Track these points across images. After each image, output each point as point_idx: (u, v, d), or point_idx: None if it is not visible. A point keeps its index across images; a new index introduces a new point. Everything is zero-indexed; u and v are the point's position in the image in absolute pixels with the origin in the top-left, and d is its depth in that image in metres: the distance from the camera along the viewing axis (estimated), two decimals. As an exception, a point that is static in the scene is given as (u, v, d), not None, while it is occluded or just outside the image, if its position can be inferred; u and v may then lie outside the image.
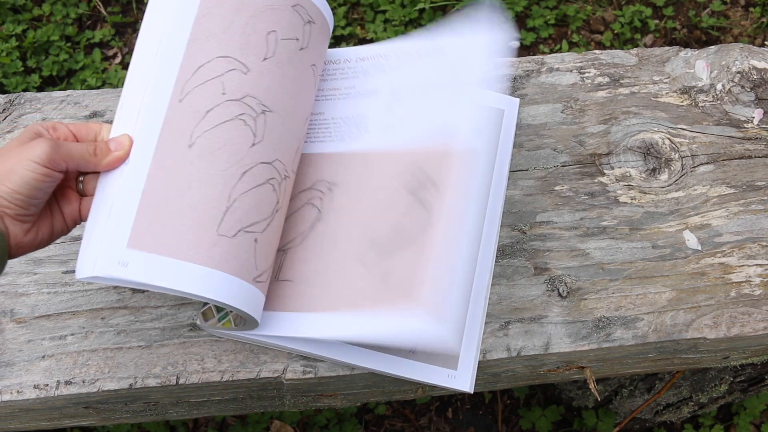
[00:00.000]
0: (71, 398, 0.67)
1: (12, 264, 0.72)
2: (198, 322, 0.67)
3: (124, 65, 1.63)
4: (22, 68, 1.58)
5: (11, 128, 0.80)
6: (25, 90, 1.55)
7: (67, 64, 1.60)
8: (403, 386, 0.72)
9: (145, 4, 0.62)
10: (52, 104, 0.82)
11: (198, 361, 0.68)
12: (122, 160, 0.58)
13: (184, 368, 0.68)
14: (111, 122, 0.60)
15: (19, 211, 0.55)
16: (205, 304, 0.67)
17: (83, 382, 0.67)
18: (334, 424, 1.30)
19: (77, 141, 0.60)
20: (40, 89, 1.57)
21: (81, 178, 0.62)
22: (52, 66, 1.58)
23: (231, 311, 0.66)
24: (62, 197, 0.61)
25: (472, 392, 0.67)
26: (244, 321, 0.65)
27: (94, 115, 0.81)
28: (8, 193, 0.54)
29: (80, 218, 0.61)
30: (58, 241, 0.73)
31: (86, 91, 0.84)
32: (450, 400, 1.35)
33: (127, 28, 1.67)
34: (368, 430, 1.32)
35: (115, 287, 0.72)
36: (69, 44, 1.63)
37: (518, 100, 0.81)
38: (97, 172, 0.60)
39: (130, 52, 1.64)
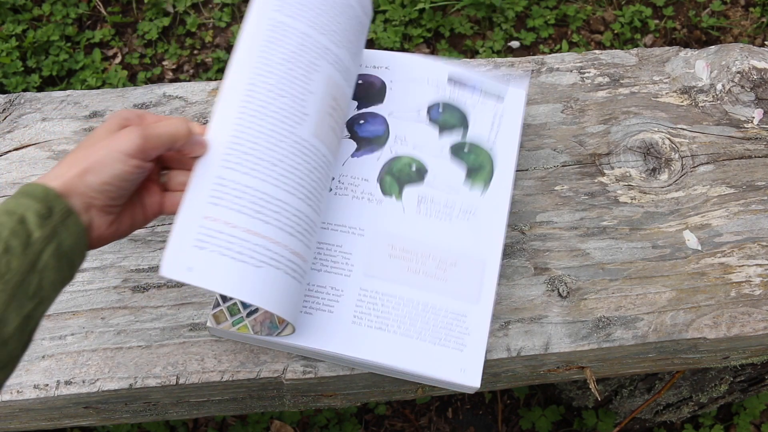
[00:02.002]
0: (71, 398, 0.67)
1: (12, 264, 0.72)
2: (208, 323, 0.67)
3: (124, 65, 1.63)
4: (22, 68, 1.58)
5: (11, 128, 0.80)
6: (25, 90, 1.55)
7: (67, 64, 1.60)
8: (403, 386, 0.72)
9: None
10: (52, 104, 0.82)
11: (198, 361, 0.68)
12: (198, 155, 0.59)
13: (184, 368, 0.68)
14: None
15: (107, 202, 0.55)
16: (216, 306, 0.67)
17: (83, 382, 0.67)
18: (334, 424, 1.30)
19: None
20: (40, 89, 1.57)
21: (164, 172, 0.61)
22: (52, 66, 1.58)
23: (246, 316, 0.67)
24: (145, 189, 0.60)
25: (479, 387, 0.67)
26: (266, 327, 0.65)
27: (94, 115, 0.81)
28: (98, 185, 0.54)
29: (161, 212, 0.61)
30: (58, 241, 0.73)
31: (86, 91, 0.84)
32: (450, 400, 1.35)
33: (127, 28, 1.67)
34: (368, 430, 1.32)
35: (115, 287, 0.72)
36: (69, 44, 1.63)
37: (524, 91, 0.80)
38: (181, 169, 0.60)
39: (130, 52, 1.64)
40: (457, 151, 0.76)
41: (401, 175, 0.74)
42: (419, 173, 0.74)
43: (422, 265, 0.70)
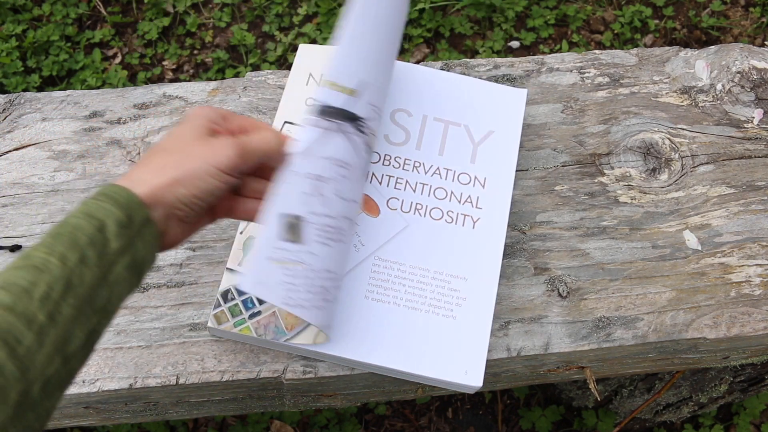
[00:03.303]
0: (71, 398, 0.67)
1: (12, 264, 0.72)
2: (209, 324, 0.67)
3: (124, 65, 1.63)
4: (22, 68, 1.58)
5: (11, 128, 0.80)
6: (25, 90, 1.55)
7: (67, 64, 1.60)
8: (403, 386, 0.72)
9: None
10: (52, 104, 0.82)
11: (198, 361, 0.68)
12: (277, 166, 0.58)
13: (184, 368, 0.68)
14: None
15: (189, 213, 0.53)
16: (218, 306, 0.67)
17: (83, 382, 0.67)
18: (334, 424, 1.30)
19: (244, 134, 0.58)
20: (40, 89, 1.57)
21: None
22: (52, 66, 1.58)
23: (248, 318, 0.67)
24: None
25: (481, 387, 0.67)
26: (271, 331, 0.66)
27: (95, 115, 0.81)
28: (187, 197, 0.52)
29: (231, 215, 0.59)
30: (58, 241, 0.73)
31: (86, 91, 0.84)
32: (450, 400, 1.35)
33: (127, 28, 1.67)
34: (368, 430, 1.32)
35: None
36: (69, 44, 1.63)
37: (525, 90, 0.81)
38: (257, 176, 0.59)
39: (130, 52, 1.64)
40: None
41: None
42: None
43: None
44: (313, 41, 1.63)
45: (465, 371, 0.67)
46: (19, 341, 0.42)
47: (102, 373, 0.67)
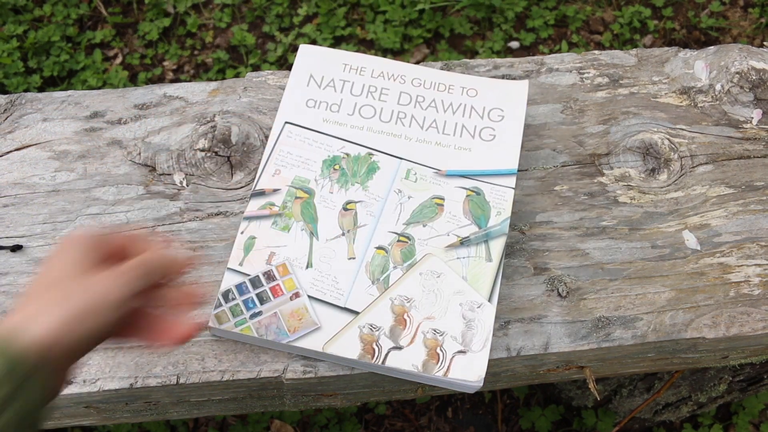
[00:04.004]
0: (72, 398, 0.68)
1: (13, 264, 0.73)
2: (210, 323, 0.67)
3: (125, 66, 1.63)
4: (23, 69, 1.58)
5: (12, 128, 0.81)
6: (26, 90, 1.55)
7: (68, 65, 1.60)
8: (403, 386, 0.73)
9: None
10: (53, 104, 0.82)
11: (198, 360, 0.68)
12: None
13: (184, 368, 0.68)
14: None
15: (87, 351, 0.49)
16: (219, 306, 0.67)
17: (84, 381, 0.67)
18: (334, 424, 1.30)
19: (127, 253, 0.54)
20: (41, 89, 1.57)
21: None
22: (53, 66, 1.59)
23: (250, 318, 0.67)
24: None
25: (481, 387, 0.67)
26: (272, 331, 0.66)
27: (95, 115, 0.82)
28: (84, 336, 0.48)
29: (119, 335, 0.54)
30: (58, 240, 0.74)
31: (87, 91, 0.84)
32: (450, 399, 1.35)
33: (128, 29, 1.68)
34: (368, 429, 1.32)
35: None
36: (70, 45, 1.63)
37: (527, 81, 0.81)
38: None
39: (131, 53, 1.64)
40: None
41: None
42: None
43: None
44: (314, 42, 1.63)
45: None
46: None
47: (102, 372, 0.68)
